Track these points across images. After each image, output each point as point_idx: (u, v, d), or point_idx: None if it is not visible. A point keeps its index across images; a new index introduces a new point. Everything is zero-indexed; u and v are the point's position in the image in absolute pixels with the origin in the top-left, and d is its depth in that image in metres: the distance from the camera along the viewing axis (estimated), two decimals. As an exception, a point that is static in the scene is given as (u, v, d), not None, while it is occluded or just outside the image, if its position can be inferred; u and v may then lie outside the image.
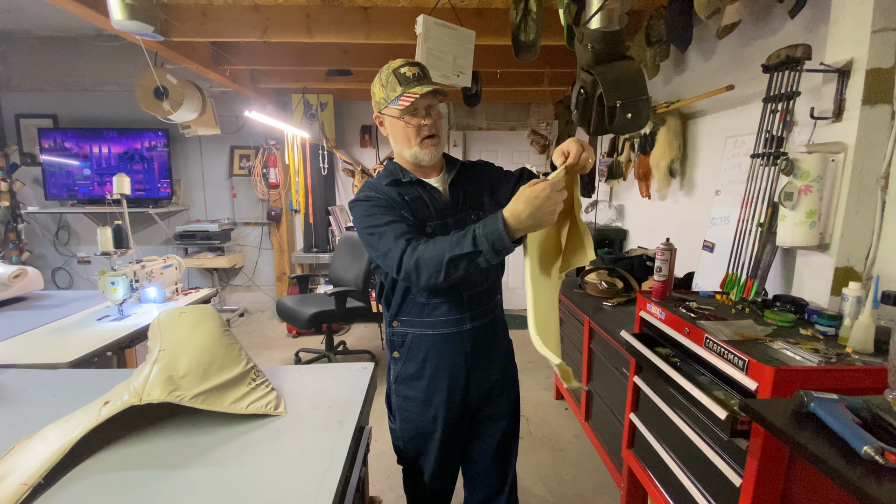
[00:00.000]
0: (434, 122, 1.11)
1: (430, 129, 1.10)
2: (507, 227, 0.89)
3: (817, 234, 1.36)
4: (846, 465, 0.70)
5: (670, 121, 2.37)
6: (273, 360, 3.49)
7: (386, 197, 1.11)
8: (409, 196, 1.13)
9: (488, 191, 1.23)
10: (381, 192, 1.12)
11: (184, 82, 2.92)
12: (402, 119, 1.09)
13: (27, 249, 4.18)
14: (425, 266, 0.96)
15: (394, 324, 1.21)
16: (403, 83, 1.07)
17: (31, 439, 0.92)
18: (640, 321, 1.60)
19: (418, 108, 1.09)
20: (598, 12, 1.44)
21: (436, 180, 1.19)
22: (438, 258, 0.94)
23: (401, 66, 1.09)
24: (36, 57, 3.97)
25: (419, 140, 1.10)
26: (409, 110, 1.08)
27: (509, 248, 0.91)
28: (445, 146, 1.22)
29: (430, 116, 1.10)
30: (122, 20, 1.49)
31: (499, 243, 0.90)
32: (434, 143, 1.11)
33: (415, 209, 1.12)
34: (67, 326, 1.77)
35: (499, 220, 0.89)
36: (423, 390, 1.20)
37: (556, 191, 0.87)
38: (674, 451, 1.40)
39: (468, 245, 0.92)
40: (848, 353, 1.06)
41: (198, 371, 1.01)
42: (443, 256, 0.94)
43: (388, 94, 1.09)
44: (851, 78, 1.30)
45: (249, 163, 4.33)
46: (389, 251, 1.01)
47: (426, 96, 1.07)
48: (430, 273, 0.96)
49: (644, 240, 2.92)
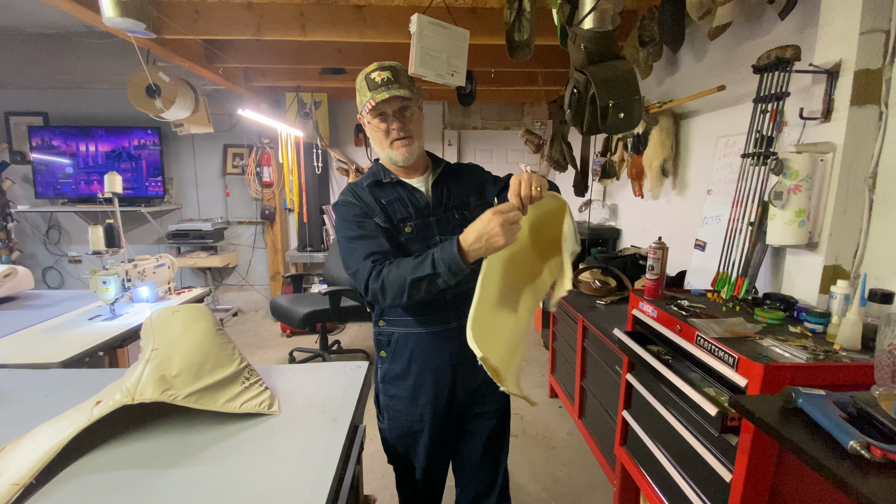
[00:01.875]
0: (404, 124, 1.11)
1: (399, 132, 1.11)
2: (461, 251, 0.95)
3: (806, 232, 1.38)
4: (833, 459, 0.71)
5: (663, 121, 2.39)
6: (267, 360, 3.48)
7: (361, 203, 1.14)
8: (387, 199, 1.16)
9: (475, 191, 1.24)
10: (358, 196, 1.15)
11: (176, 80, 2.90)
12: (372, 123, 1.12)
13: (17, 248, 4.13)
14: (390, 288, 1.01)
15: (380, 323, 1.21)
16: (372, 88, 1.08)
17: (22, 439, 0.91)
18: (633, 319, 1.61)
19: (386, 112, 1.10)
20: (591, 13, 1.44)
21: (418, 181, 1.20)
22: (401, 280, 1.00)
23: (372, 72, 1.10)
24: (26, 54, 3.92)
25: (389, 142, 1.12)
26: (375, 114, 1.10)
27: (464, 270, 0.96)
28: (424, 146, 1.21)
29: (399, 119, 1.10)
30: (113, 17, 1.48)
31: (454, 266, 0.95)
32: (405, 145, 1.12)
33: (392, 212, 1.14)
34: (59, 326, 1.75)
35: (454, 245, 0.95)
36: (409, 389, 1.20)
37: (503, 218, 0.91)
38: (665, 447, 1.42)
39: (428, 268, 0.97)
40: (836, 350, 1.08)
41: (191, 370, 1.01)
42: (405, 279, 0.99)
43: (361, 98, 1.12)
44: (840, 79, 1.32)
45: (243, 161, 4.31)
46: (358, 271, 1.07)
47: (393, 101, 1.08)
48: (394, 294, 1.01)
49: (637, 239, 2.94)
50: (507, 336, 1.02)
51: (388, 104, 1.09)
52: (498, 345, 0.98)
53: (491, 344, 0.93)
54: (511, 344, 1.02)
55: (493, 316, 1.00)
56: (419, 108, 1.17)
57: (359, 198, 1.15)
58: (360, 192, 1.16)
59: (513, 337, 1.04)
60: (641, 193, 2.75)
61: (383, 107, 1.09)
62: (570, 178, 3.49)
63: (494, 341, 0.96)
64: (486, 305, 0.98)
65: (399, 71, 1.11)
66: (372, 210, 1.13)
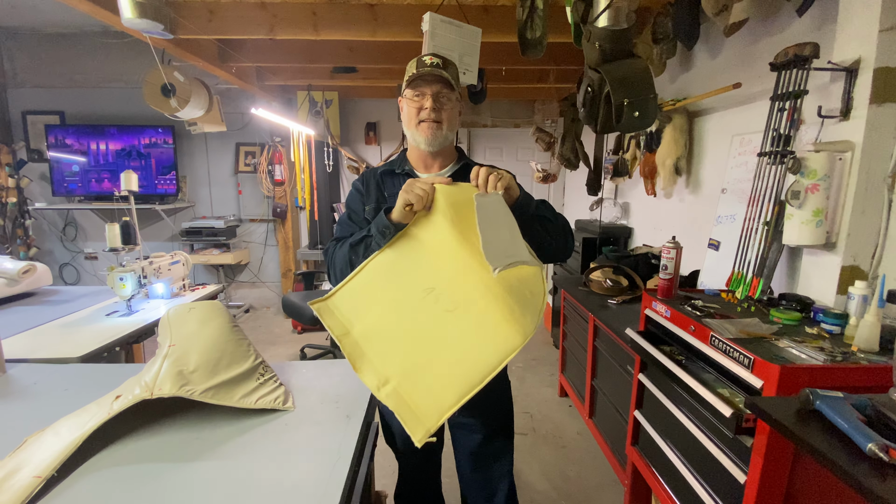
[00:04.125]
0: (437, 107, 1.12)
1: (430, 114, 1.11)
2: (388, 213, 1.03)
3: (824, 232, 1.36)
4: (851, 462, 0.70)
5: (676, 118, 2.36)
6: (279, 356, 3.52)
7: (364, 189, 1.22)
8: (390, 191, 1.19)
9: None
10: (365, 182, 1.23)
11: (191, 79, 2.93)
12: (409, 98, 1.14)
13: (35, 245, 4.22)
14: (339, 257, 1.11)
15: None
16: (419, 67, 1.11)
17: (44, 433, 0.93)
18: (646, 319, 1.60)
19: (424, 90, 1.11)
20: (606, 10, 1.43)
21: (431, 175, 1.20)
22: (344, 249, 1.09)
23: (424, 55, 1.14)
24: (43, 54, 4.00)
25: (418, 121, 1.13)
26: (413, 89, 1.13)
27: (389, 227, 1.01)
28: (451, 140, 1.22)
29: (435, 101, 1.12)
30: (132, 18, 1.50)
31: (380, 224, 1.03)
32: (432, 128, 1.12)
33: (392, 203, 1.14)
34: (77, 322, 1.79)
35: (386, 207, 1.05)
36: None
37: (417, 182, 0.96)
38: (678, 448, 1.41)
39: (363, 233, 1.08)
40: (853, 352, 1.06)
41: (207, 366, 1.03)
42: (347, 247, 1.09)
43: (406, 75, 1.15)
44: (859, 77, 1.30)
45: (255, 160, 4.35)
46: (327, 250, 1.18)
47: (433, 81, 1.10)
48: (342, 262, 1.09)
49: (649, 238, 2.91)
50: (408, 340, 0.88)
51: (427, 83, 1.10)
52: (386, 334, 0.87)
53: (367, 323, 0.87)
54: (417, 352, 0.86)
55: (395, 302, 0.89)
56: (457, 104, 1.17)
57: (365, 183, 1.23)
58: (369, 179, 1.23)
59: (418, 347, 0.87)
60: (654, 192, 2.72)
61: (422, 85, 1.11)
62: (581, 177, 3.47)
63: (382, 331, 0.87)
64: (384, 282, 0.93)
65: (450, 64, 1.14)
66: (368, 198, 1.21)
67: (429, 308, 0.85)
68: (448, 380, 0.80)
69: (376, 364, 0.86)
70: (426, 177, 1.20)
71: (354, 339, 0.88)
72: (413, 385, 0.82)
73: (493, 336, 0.79)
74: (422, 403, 0.80)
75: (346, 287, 0.94)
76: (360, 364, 0.86)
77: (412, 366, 0.83)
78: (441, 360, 0.82)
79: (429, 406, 0.79)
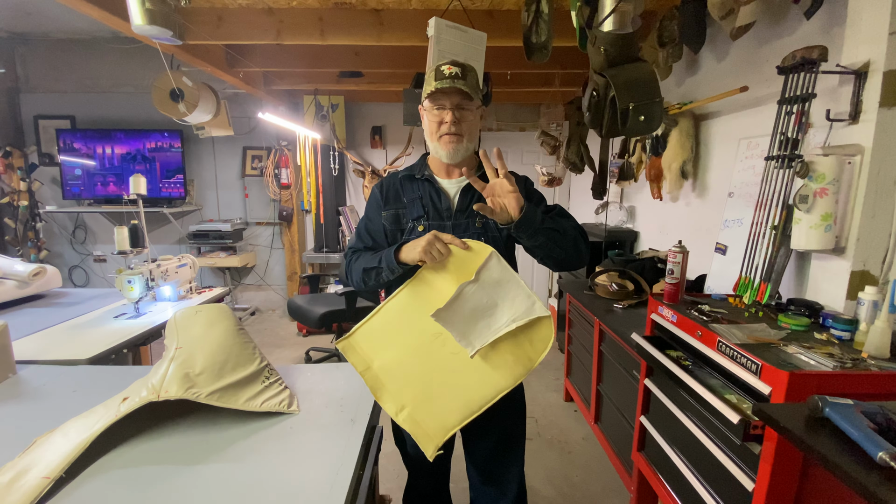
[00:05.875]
0: (458, 120, 1.12)
1: (451, 126, 1.11)
2: (397, 251, 1.08)
3: (833, 237, 1.35)
4: (861, 470, 0.69)
5: (683, 122, 2.36)
6: (284, 359, 3.53)
7: (383, 194, 1.24)
8: (410, 196, 1.20)
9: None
10: (385, 187, 1.25)
11: (199, 84, 2.96)
12: (429, 110, 1.14)
13: (45, 248, 4.27)
14: (354, 273, 1.18)
15: None
16: (437, 79, 1.10)
17: (53, 433, 0.94)
18: (652, 324, 1.59)
19: (444, 104, 1.11)
20: (611, 15, 1.43)
21: (451, 182, 1.20)
22: (359, 269, 1.16)
23: (443, 64, 1.12)
24: (54, 59, 4.06)
25: (438, 136, 1.13)
26: (434, 103, 1.12)
27: (396, 269, 1.09)
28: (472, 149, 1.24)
29: (455, 114, 1.11)
30: (141, 25, 1.52)
31: (390, 262, 1.09)
32: (453, 141, 1.12)
33: (408, 210, 1.19)
34: (86, 324, 1.81)
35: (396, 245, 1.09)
36: None
37: (434, 237, 1.01)
38: (685, 454, 1.40)
39: (375, 262, 1.12)
40: (863, 359, 1.05)
41: (213, 369, 1.03)
42: (361, 268, 1.16)
43: (426, 87, 1.14)
44: (869, 80, 1.29)
45: (261, 163, 4.38)
46: (345, 256, 1.25)
47: (453, 94, 1.09)
48: (357, 280, 1.18)
49: (655, 241, 2.90)
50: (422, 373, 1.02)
51: (447, 96, 1.10)
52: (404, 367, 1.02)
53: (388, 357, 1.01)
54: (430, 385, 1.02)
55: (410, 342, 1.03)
56: (478, 112, 1.17)
57: (384, 190, 1.24)
58: (389, 185, 1.24)
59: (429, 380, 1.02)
60: (660, 195, 2.71)
61: (442, 98, 1.10)
62: (586, 180, 3.46)
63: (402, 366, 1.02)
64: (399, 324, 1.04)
65: (469, 71, 1.12)
66: (387, 204, 1.22)
67: (437, 350, 0.99)
68: (452, 406, 0.97)
69: (394, 394, 1.01)
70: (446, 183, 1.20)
71: (375, 373, 1.02)
72: (424, 411, 0.98)
73: (489, 377, 0.97)
74: (432, 425, 0.97)
75: (365, 327, 1.06)
76: (381, 394, 1.01)
77: (423, 396, 0.99)
78: (447, 392, 0.98)
79: (437, 427, 0.97)
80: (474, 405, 0.97)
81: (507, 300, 0.99)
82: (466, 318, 0.99)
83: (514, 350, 0.98)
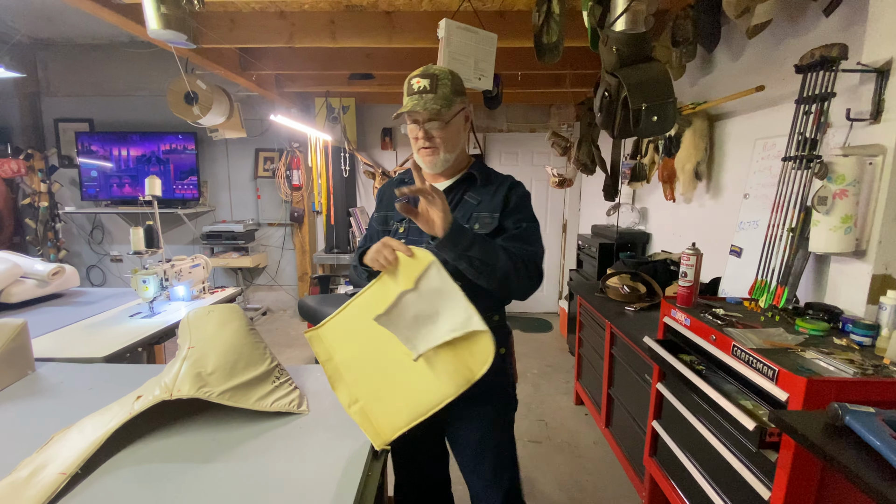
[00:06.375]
0: (429, 134, 1.11)
1: (424, 142, 1.13)
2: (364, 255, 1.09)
3: (853, 240, 1.31)
4: (883, 480, 0.67)
5: (696, 122, 2.32)
6: (294, 359, 3.55)
7: (380, 197, 1.32)
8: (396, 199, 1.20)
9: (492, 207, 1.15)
10: (383, 189, 1.33)
11: (213, 87, 3.01)
12: (408, 123, 1.16)
13: (64, 248, 4.37)
14: (352, 271, 1.23)
15: None
16: (408, 94, 1.11)
17: (69, 430, 0.96)
18: (664, 327, 1.57)
19: (418, 119, 1.12)
20: (623, 14, 1.42)
21: (440, 184, 1.20)
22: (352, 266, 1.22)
23: (413, 77, 1.11)
24: (74, 64, 4.15)
25: (417, 148, 1.16)
26: (409, 118, 1.14)
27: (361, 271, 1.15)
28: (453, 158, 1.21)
29: (427, 129, 1.11)
30: (157, 29, 1.54)
31: (356, 261, 1.17)
32: (428, 154, 1.14)
33: (395, 211, 1.20)
34: (102, 322, 1.84)
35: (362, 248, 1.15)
36: None
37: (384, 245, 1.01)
38: (698, 461, 1.37)
39: (353, 259, 1.20)
40: (885, 365, 1.02)
41: (225, 368, 1.04)
42: (351, 266, 1.22)
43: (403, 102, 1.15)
44: (891, 78, 1.25)
45: (273, 165, 4.43)
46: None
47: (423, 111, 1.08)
48: (353, 277, 1.24)
49: (668, 244, 2.86)
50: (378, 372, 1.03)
51: (418, 112, 1.10)
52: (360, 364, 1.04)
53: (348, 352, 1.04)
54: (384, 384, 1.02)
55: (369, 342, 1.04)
56: (461, 115, 1.15)
57: (381, 193, 1.32)
58: (386, 187, 1.32)
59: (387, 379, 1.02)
60: (673, 197, 2.67)
61: (415, 114, 1.12)
62: (598, 181, 3.43)
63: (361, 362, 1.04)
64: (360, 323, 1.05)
65: (440, 79, 1.10)
66: (379, 205, 1.30)
67: (394, 349, 1.01)
68: (402, 406, 0.99)
69: (350, 386, 1.03)
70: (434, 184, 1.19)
71: (335, 365, 1.05)
72: (375, 407, 1.00)
73: (435, 383, 0.98)
74: (382, 421, 0.99)
75: (332, 321, 1.08)
76: (338, 384, 1.04)
77: (376, 392, 1.02)
78: (398, 391, 1.00)
79: (387, 424, 0.98)
80: (422, 408, 0.97)
81: (448, 310, 0.98)
82: (410, 324, 1.00)
83: (454, 360, 0.97)
